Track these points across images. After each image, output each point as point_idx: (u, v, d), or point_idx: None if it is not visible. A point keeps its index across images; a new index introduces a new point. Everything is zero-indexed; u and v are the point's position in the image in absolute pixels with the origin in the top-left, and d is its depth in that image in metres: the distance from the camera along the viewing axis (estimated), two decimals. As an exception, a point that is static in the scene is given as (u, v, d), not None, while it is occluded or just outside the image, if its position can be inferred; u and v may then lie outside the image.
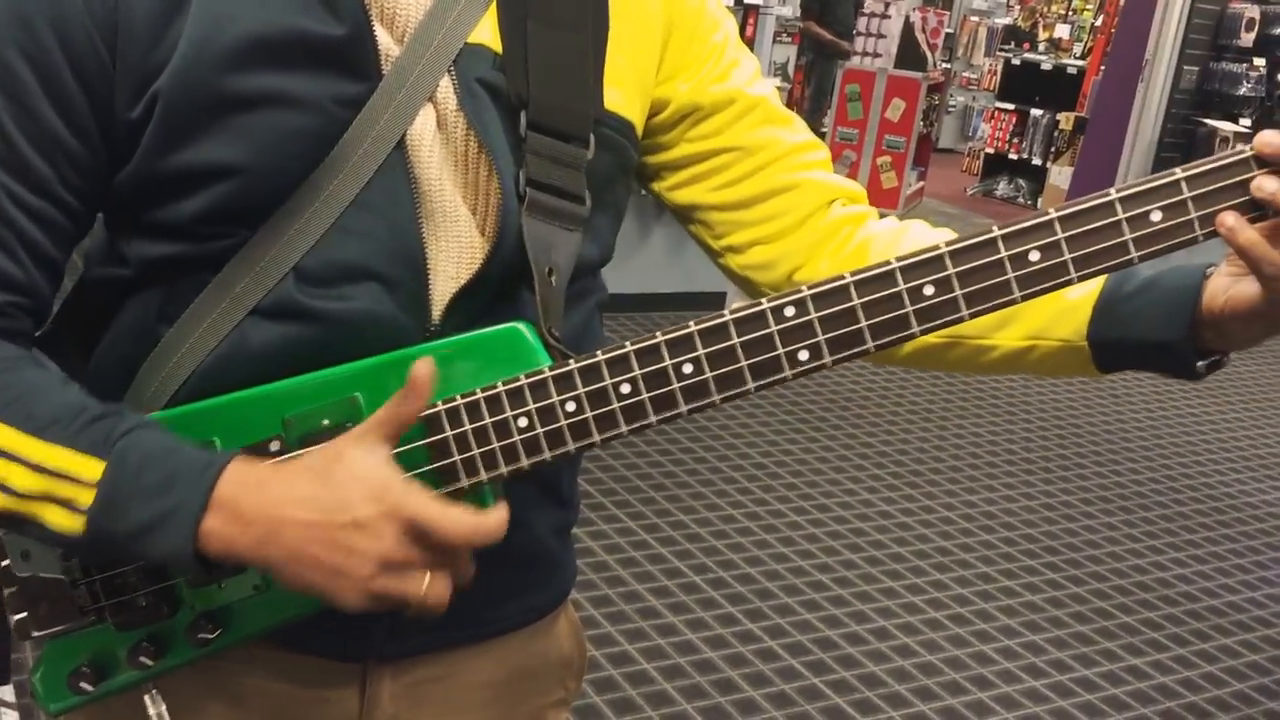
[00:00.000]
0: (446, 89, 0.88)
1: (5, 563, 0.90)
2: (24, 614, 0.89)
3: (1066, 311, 0.95)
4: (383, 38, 0.86)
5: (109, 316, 0.93)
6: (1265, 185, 0.77)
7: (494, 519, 0.81)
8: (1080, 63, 10.31)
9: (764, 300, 0.82)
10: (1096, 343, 0.94)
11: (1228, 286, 0.85)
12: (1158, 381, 5.99)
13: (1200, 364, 0.90)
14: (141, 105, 0.83)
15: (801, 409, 4.87)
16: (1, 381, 0.82)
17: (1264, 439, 5.28)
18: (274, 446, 0.85)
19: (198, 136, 0.83)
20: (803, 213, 1.04)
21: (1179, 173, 0.79)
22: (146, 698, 0.91)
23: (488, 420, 0.84)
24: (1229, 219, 0.78)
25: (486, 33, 0.90)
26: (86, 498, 0.80)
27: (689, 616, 3.20)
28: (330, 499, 0.78)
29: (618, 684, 2.85)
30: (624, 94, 0.96)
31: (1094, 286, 0.94)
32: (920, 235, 1.04)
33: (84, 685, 0.90)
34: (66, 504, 0.80)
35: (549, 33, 0.91)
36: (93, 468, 0.80)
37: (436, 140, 0.88)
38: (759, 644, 3.11)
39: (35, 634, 0.89)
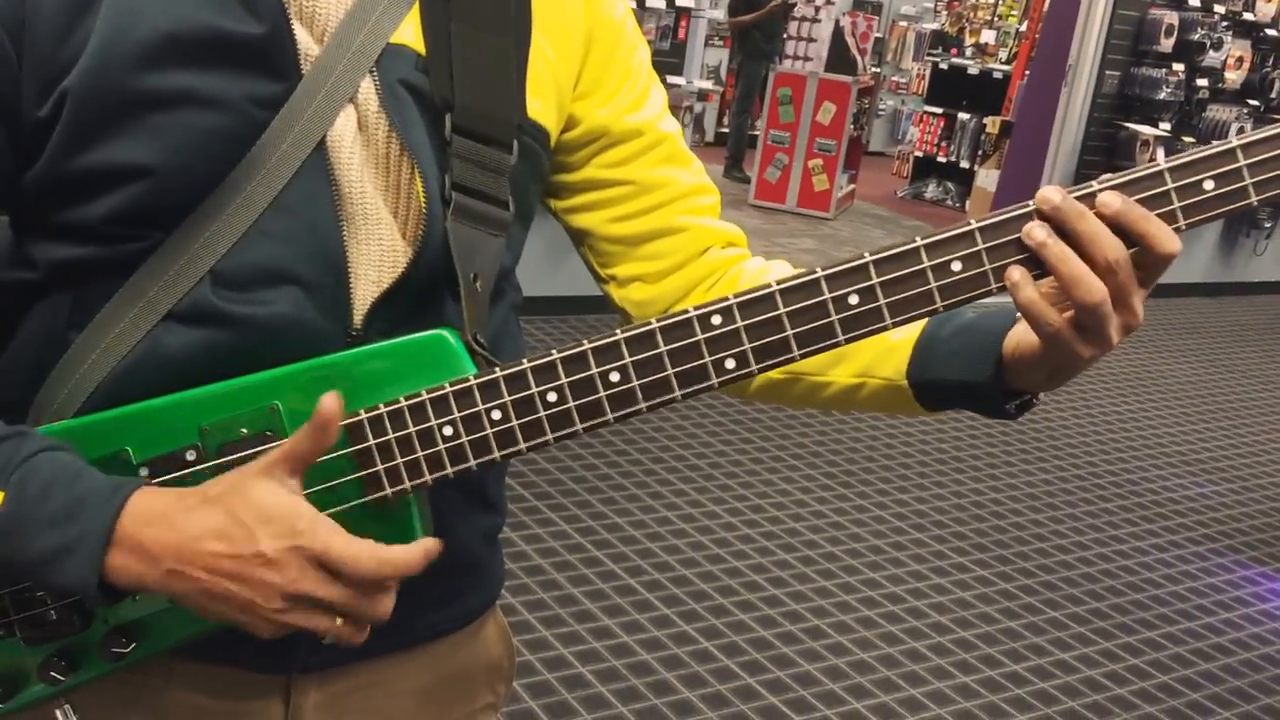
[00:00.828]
0: (368, 90, 0.87)
1: None
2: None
3: (891, 351, 0.96)
4: (302, 37, 0.85)
5: (14, 322, 0.90)
6: (1034, 234, 0.78)
7: (406, 552, 0.79)
8: (1006, 68, 10.49)
9: (690, 309, 0.82)
10: (916, 383, 0.95)
11: (1022, 334, 0.87)
12: (1083, 380, 6.11)
13: (1011, 405, 0.91)
14: (50, 104, 0.80)
15: (735, 409, 4.90)
16: None
17: (1184, 436, 5.41)
18: (190, 455, 0.83)
19: (108, 136, 0.81)
20: (685, 255, 1.06)
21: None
22: (58, 713, 0.88)
23: (412, 429, 0.83)
24: (1015, 274, 0.79)
25: (409, 33, 0.89)
26: None
27: (624, 619, 3.20)
28: (237, 532, 0.76)
29: (553, 688, 2.84)
30: (543, 103, 0.96)
31: (918, 327, 0.95)
32: (785, 268, 1.05)
33: None
34: None
35: (473, 35, 0.90)
36: None
37: (357, 142, 0.86)
38: (694, 645, 3.12)
39: (-59, 651, 0.87)
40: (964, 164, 10.48)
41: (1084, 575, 3.87)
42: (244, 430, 0.83)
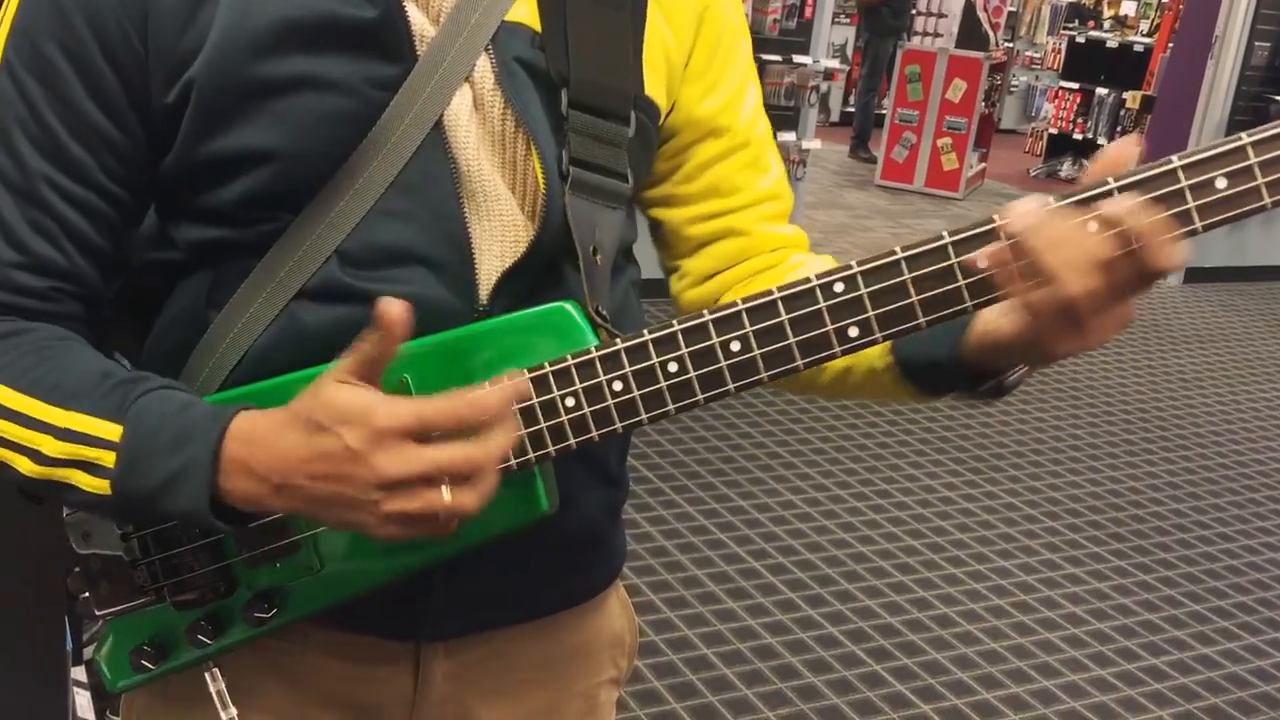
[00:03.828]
0: (484, 68, 0.88)
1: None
2: (86, 594, 0.91)
3: None
4: (416, 19, 0.86)
5: (161, 303, 0.94)
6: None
7: (494, 390, 0.79)
8: (1147, 40, 10.11)
9: (813, 276, 0.81)
10: (900, 360, 0.92)
11: (996, 314, 0.83)
12: (1229, 365, 5.85)
13: (986, 386, 0.87)
14: (176, 92, 0.84)
15: (861, 394, 4.82)
16: (33, 360, 0.84)
17: (1341, 423, 5.15)
18: None
19: (234, 122, 0.84)
20: (744, 256, 1.05)
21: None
22: (207, 675, 0.92)
23: (535, 400, 0.83)
24: (982, 262, 0.76)
25: (524, 11, 0.89)
26: (109, 459, 0.81)
27: (748, 602, 3.19)
28: (321, 438, 0.77)
29: (677, 669, 2.85)
30: (656, 79, 0.96)
31: None
32: (828, 263, 1.03)
33: (145, 663, 0.92)
34: (92, 467, 0.81)
35: (589, 10, 0.91)
36: (111, 430, 0.81)
37: (473, 120, 0.88)
38: (819, 630, 3.10)
39: (97, 613, 0.91)
40: (1101, 141, 10.12)
41: (1228, 568, 3.71)
42: None
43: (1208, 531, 3.96)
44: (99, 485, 0.81)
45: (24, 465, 0.83)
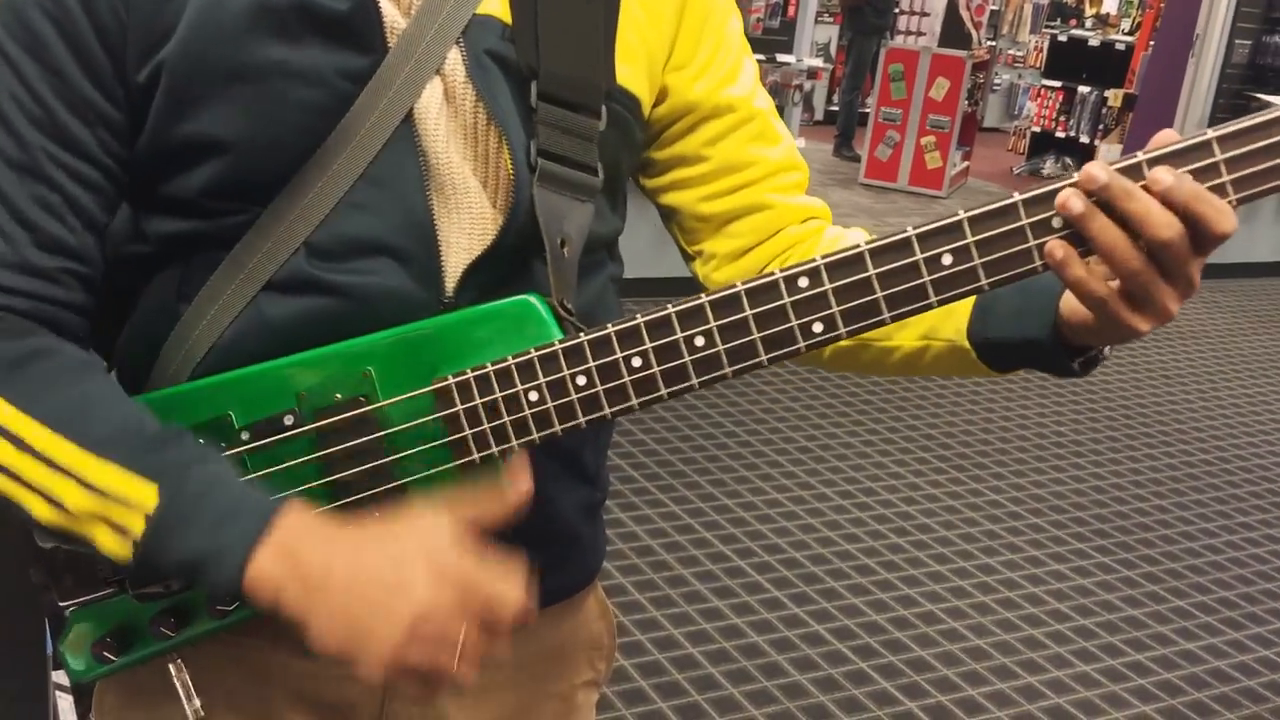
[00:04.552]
0: (455, 61, 0.87)
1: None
2: (49, 586, 0.90)
3: (951, 312, 0.92)
4: (388, 11, 0.85)
5: (134, 296, 0.93)
6: (1070, 205, 0.74)
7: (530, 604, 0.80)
8: (1128, 38, 10.14)
9: (777, 271, 0.80)
10: (977, 343, 0.92)
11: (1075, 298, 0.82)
12: (1210, 362, 5.88)
13: (1076, 362, 0.87)
14: (147, 71, 0.83)
15: (846, 391, 4.83)
16: (64, 393, 0.81)
17: (1322, 418, 5.17)
18: (288, 420, 0.85)
19: (201, 108, 0.83)
20: (766, 233, 1.04)
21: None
22: (170, 667, 0.92)
23: (498, 394, 0.83)
24: (1058, 251, 0.75)
25: (495, 4, 0.89)
26: (138, 525, 0.78)
27: (734, 601, 3.18)
28: (392, 570, 0.77)
29: (663, 668, 2.84)
30: (633, 70, 0.95)
31: None
32: (861, 235, 1.02)
33: (107, 655, 0.91)
34: (117, 528, 0.79)
35: (560, 2, 0.90)
36: (147, 493, 0.78)
37: (444, 113, 0.87)
38: (804, 628, 3.09)
39: (60, 604, 0.90)
40: (1084, 139, 10.15)
41: (1211, 564, 3.72)
42: (338, 395, 0.84)
43: (1190, 527, 3.97)
44: (120, 549, 0.79)
45: (41, 511, 0.80)
